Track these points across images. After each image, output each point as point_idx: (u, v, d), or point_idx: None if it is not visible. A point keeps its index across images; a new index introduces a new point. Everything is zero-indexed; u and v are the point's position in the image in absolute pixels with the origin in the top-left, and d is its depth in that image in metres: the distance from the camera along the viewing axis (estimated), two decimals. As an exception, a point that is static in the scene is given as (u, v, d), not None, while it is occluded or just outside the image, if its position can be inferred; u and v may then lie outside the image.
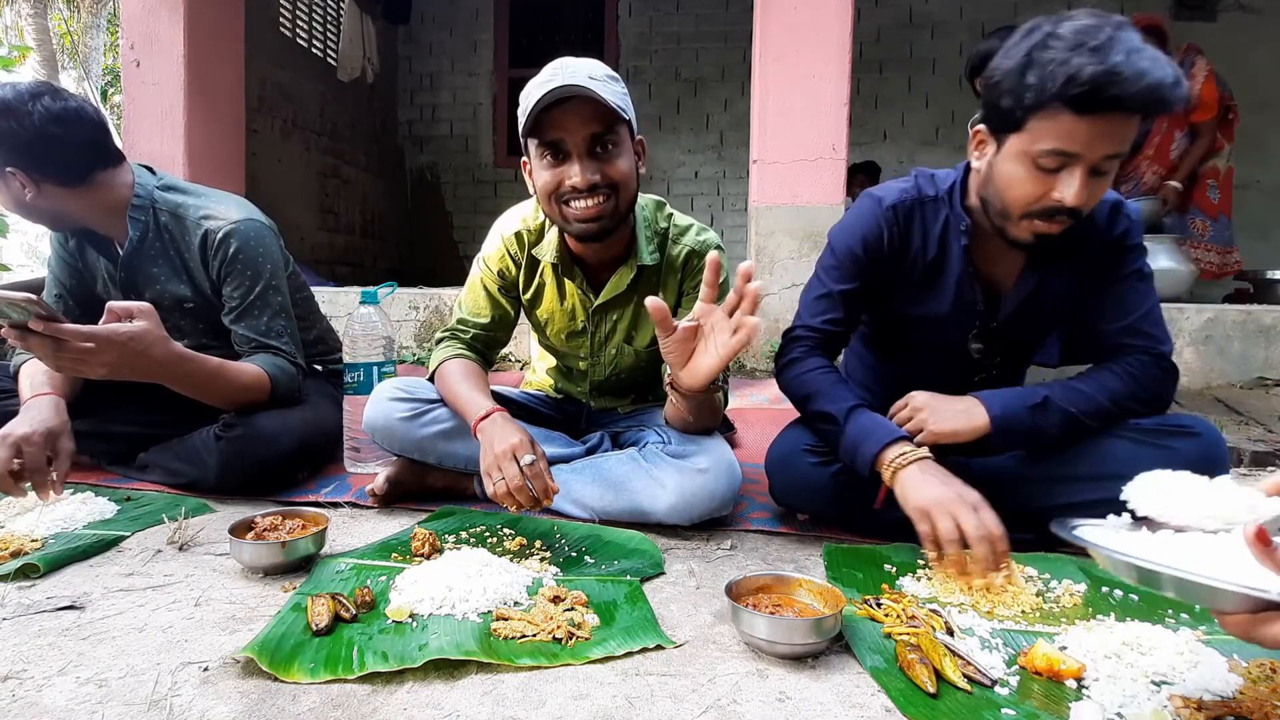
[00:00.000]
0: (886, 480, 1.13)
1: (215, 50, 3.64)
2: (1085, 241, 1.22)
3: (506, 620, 0.94)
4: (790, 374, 1.31)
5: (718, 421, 1.40)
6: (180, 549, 1.20)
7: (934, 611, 0.97)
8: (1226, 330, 2.98)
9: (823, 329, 1.31)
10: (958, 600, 1.03)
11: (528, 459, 1.17)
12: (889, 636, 0.92)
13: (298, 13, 5.03)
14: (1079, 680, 0.82)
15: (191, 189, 1.62)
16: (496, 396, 1.57)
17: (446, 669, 0.85)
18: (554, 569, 1.14)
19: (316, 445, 1.62)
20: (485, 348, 1.49)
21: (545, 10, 6.10)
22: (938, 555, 1.05)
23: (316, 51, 5.25)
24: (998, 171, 1.12)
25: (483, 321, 1.48)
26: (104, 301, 1.64)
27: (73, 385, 1.50)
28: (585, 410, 1.65)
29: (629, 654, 0.89)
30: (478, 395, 1.32)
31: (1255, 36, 5.16)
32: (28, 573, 1.08)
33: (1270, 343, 2.96)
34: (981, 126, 1.15)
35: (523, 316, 1.55)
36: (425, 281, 4.17)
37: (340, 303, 3.40)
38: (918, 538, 1.26)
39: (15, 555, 1.12)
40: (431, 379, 1.46)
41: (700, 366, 1.14)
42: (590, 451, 1.51)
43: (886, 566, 1.16)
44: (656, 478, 1.32)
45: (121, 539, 1.23)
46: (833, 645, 0.91)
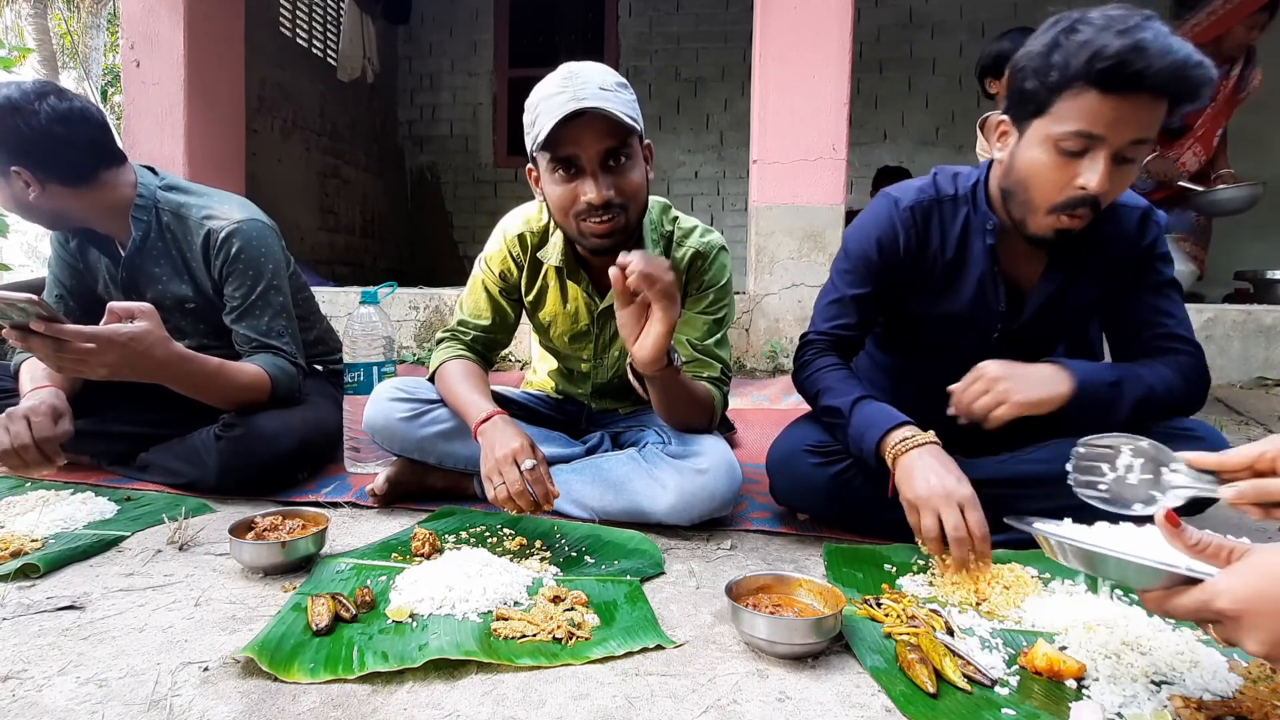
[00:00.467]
0: (890, 466, 1.13)
1: (215, 50, 3.64)
2: (1111, 245, 1.21)
3: (506, 620, 0.94)
4: (802, 376, 1.33)
5: (705, 413, 1.39)
6: (180, 549, 1.20)
7: (934, 611, 0.97)
8: (1226, 330, 2.98)
9: (834, 334, 1.31)
10: (958, 600, 1.03)
11: (529, 464, 1.17)
12: (889, 636, 0.92)
13: (298, 13, 5.04)
14: (1079, 680, 0.82)
15: (194, 189, 1.62)
16: (496, 397, 1.57)
17: (446, 669, 0.85)
18: (554, 569, 1.14)
19: (316, 445, 1.62)
20: (485, 349, 1.49)
21: (545, 10, 6.11)
22: (922, 542, 1.08)
23: (316, 51, 5.25)
24: (1020, 160, 1.11)
25: (483, 323, 1.48)
26: (105, 302, 1.64)
27: (72, 382, 1.51)
28: (586, 411, 1.65)
29: (629, 654, 0.89)
30: (478, 397, 1.32)
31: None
32: (28, 573, 1.08)
33: (1270, 343, 2.96)
34: (1004, 118, 1.14)
35: (523, 317, 1.55)
36: (425, 281, 4.17)
37: (340, 303, 3.40)
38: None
39: (15, 555, 1.12)
40: (432, 379, 1.46)
41: (648, 337, 1.16)
42: (590, 452, 1.51)
43: (886, 566, 1.16)
44: (656, 478, 1.32)
45: (121, 539, 1.23)
46: (833, 645, 0.91)
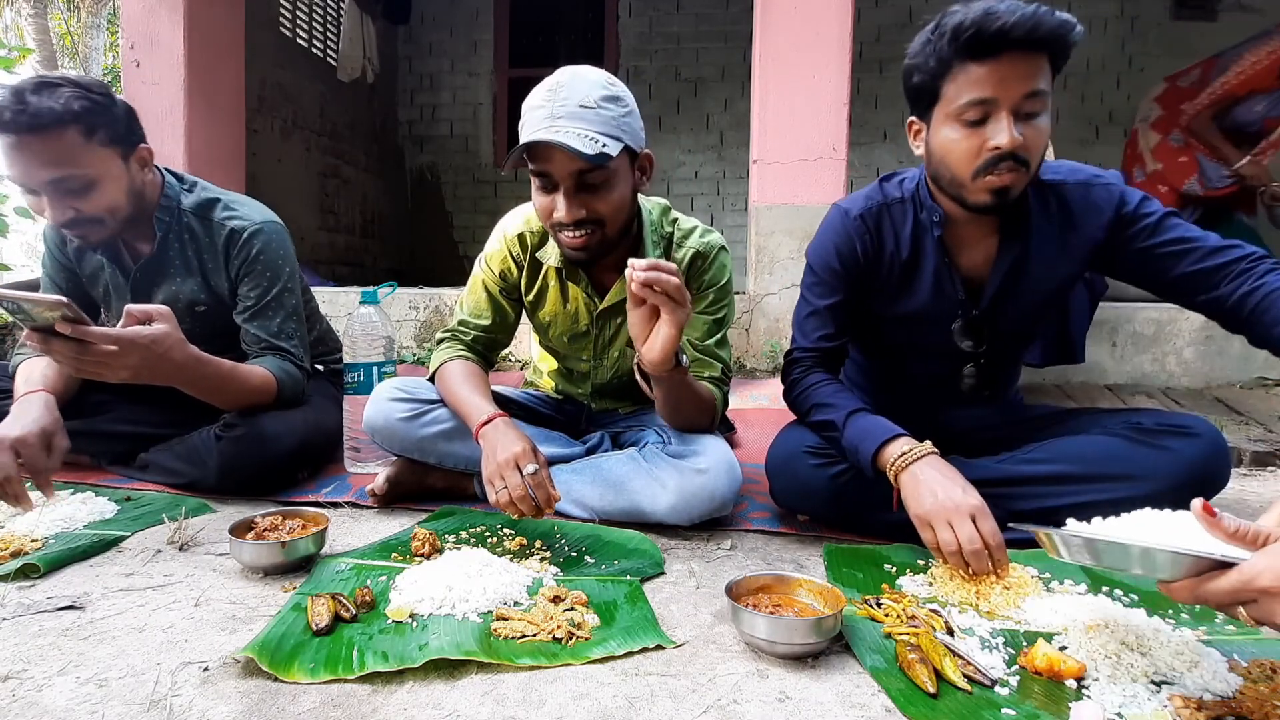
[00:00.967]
0: (892, 482, 1.13)
1: (215, 50, 3.64)
2: (1076, 222, 1.21)
3: (506, 620, 0.94)
4: (793, 395, 1.34)
5: (708, 414, 1.39)
6: (180, 549, 1.20)
7: (934, 611, 0.97)
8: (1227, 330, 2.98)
9: (818, 346, 1.33)
10: (958, 600, 1.03)
11: (530, 468, 1.16)
12: (889, 636, 0.92)
13: (298, 13, 5.03)
14: (1079, 680, 0.82)
15: (214, 190, 1.63)
16: (497, 397, 1.57)
17: (446, 669, 0.85)
18: (554, 569, 1.14)
19: (317, 445, 1.62)
20: (486, 349, 1.49)
21: (545, 10, 6.10)
22: (943, 559, 1.07)
23: (316, 51, 5.25)
24: (935, 145, 1.16)
25: (483, 323, 1.48)
26: (99, 306, 1.64)
27: (67, 384, 1.49)
28: (586, 411, 1.65)
29: (629, 654, 0.89)
30: (479, 399, 1.32)
31: (1255, 36, 5.15)
32: (28, 573, 1.08)
33: None
34: (912, 118, 1.20)
35: (523, 317, 1.55)
36: (425, 281, 4.17)
37: (340, 303, 3.40)
38: (918, 539, 1.26)
39: (15, 555, 1.12)
40: (432, 379, 1.46)
41: (657, 338, 1.15)
42: (590, 451, 1.51)
43: (886, 566, 1.16)
44: (657, 478, 1.32)
45: (121, 539, 1.23)
46: (833, 645, 0.91)
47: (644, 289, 1.09)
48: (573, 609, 0.98)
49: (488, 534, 1.27)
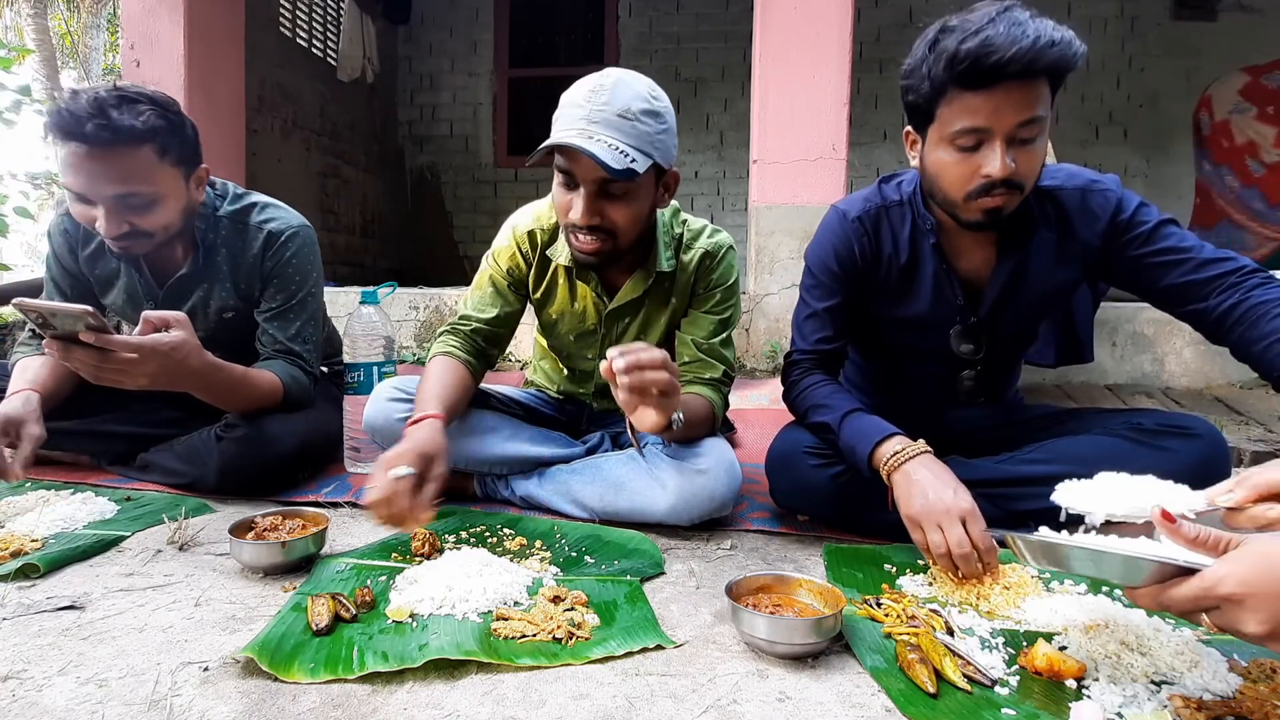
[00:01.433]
0: (885, 481, 1.14)
1: (215, 50, 3.65)
2: (1073, 228, 1.21)
3: (506, 620, 0.94)
4: (792, 396, 1.34)
5: (706, 426, 1.38)
6: (180, 549, 1.20)
7: (934, 611, 0.97)
8: (1226, 330, 2.98)
9: (817, 349, 1.33)
10: (958, 600, 1.03)
11: (398, 471, 1.06)
12: (889, 636, 0.92)
13: (298, 13, 5.04)
14: (1079, 680, 0.82)
15: (245, 193, 1.63)
16: (499, 397, 1.57)
17: (446, 669, 0.85)
18: (554, 569, 1.14)
19: (317, 446, 1.62)
20: (486, 344, 1.47)
21: (545, 10, 6.10)
22: (932, 560, 1.07)
23: (316, 51, 5.25)
24: (928, 163, 1.16)
25: (487, 317, 1.46)
26: (104, 310, 1.63)
27: (58, 383, 1.47)
28: (587, 410, 1.65)
29: (629, 654, 0.89)
30: (431, 398, 1.28)
31: (1255, 36, 5.16)
32: (28, 573, 1.08)
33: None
34: (909, 128, 1.19)
35: (523, 317, 1.55)
36: (425, 281, 4.17)
37: (340, 303, 3.41)
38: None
39: (15, 555, 1.12)
40: None
41: (647, 416, 1.11)
42: (590, 452, 1.51)
43: (886, 566, 1.16)
44: (657, 478, 1.32)
45: (121, 539, 1.23)
46: (833, 645, 0.91)
47: (628, 378, 1.04)
48: (573, 609, 0.98)
49: (488, 534, 1.27)
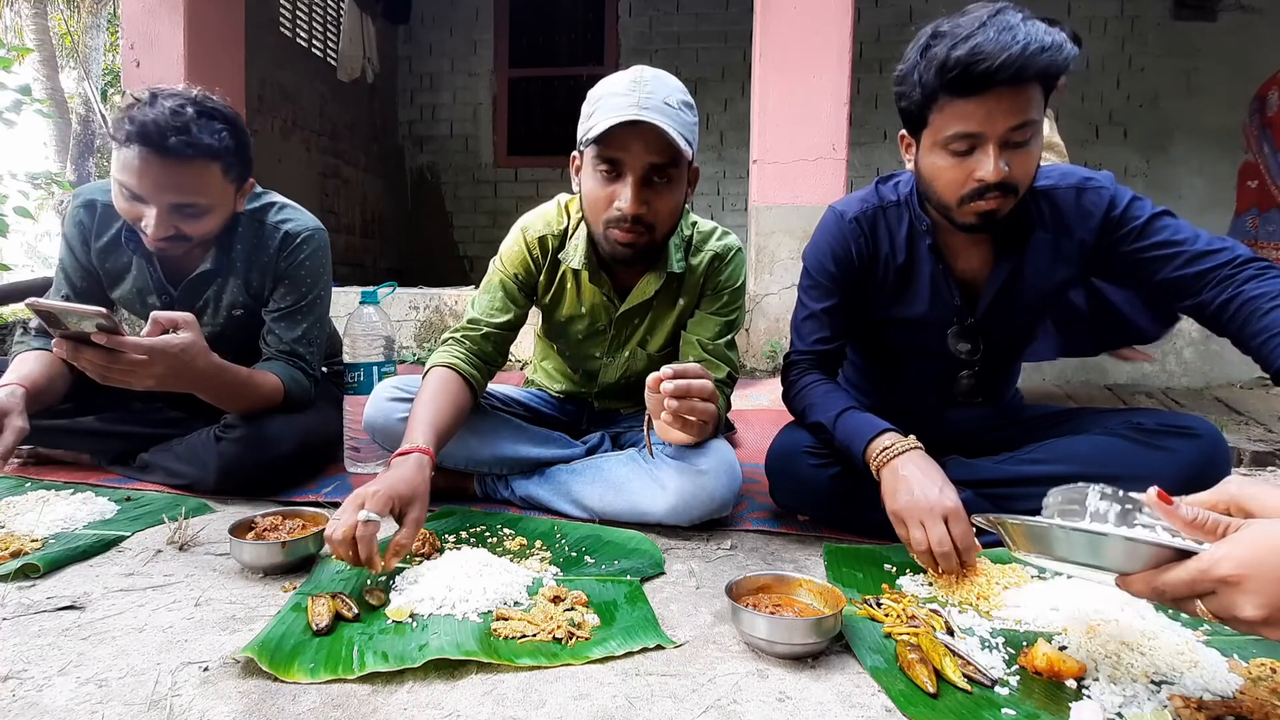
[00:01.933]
0: (875, 476, 1.14)
1: (215, 50, 3.65)
2: (1069, 226, 1.21)
3: (507, 620, 0.94)
4: (790, 396, 1.34)
5: (714, 432, 1.38)
6: (180, 549, 1.20)
7: (934, 611, 0.97)
8: (1226, 330, 2.98)
9: (815, 349, 1.33)
10: (958, 600, 1.03)
11: (364, 516, 1.00)
12: (889, 636, 0.92)
13: (298, 13, 5.04)
14: (1079, 680, 0.82)
15: (264, 192, 1.63)
16: (499, 397, 1.57)
17: (446, 669, 0.85)
18: (554, 569, 1.14)
19: (317, 447, 1.62)
20: (495, 348, 1.45)
21: (545, 10, 6.11)
22: (914, 554, 1.08)
23: (316, 51, 5.25)
24: (922, 167, 1.16)
25: (498, 321, 1.45)
26: (112, 304, 1.63)
27: (50, 380, 1.45)
28: (587, 410, 1.65)
29: (629, 654, 0.89)
30: (422, 424, 1.21)
31: (1255, 36, 5.16)
32: (28, 573, 1.08)
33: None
34: (903, 131, 1.19)
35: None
36: (425, 281, 4.17)
37: (340, 303, 3.39)
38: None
39: (15, 555, 1.12)
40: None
41: (674, 435, 1.18)
42: (590, 452, 1.51)
43: (886, 566, 1.16)
44: (657, 478, 1.32)
45: (121, 539, 1.23)
46: (833, 645, 0.91)
47: (675, 403, 1.10)
48: (573, 609, 0.98)
49: (488, 534, 1.27)
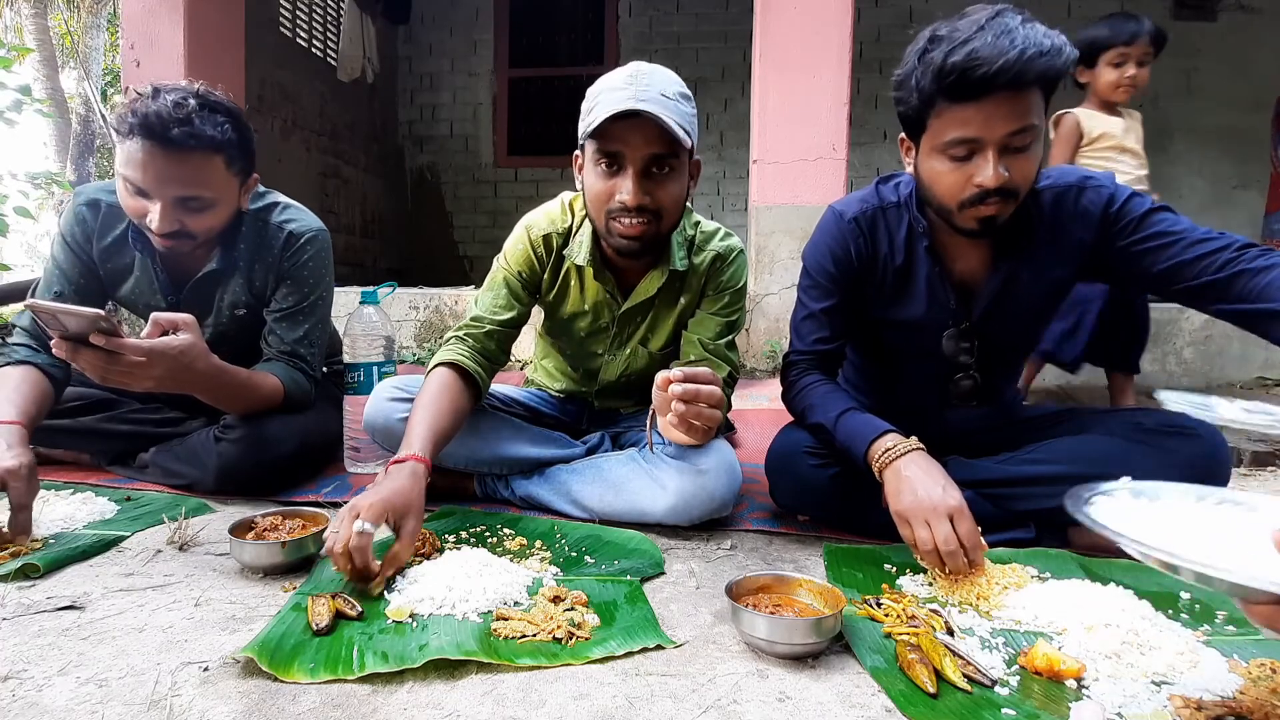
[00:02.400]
0: (877, 478, 1.14)
1: (215, 50, 3.65)
2: (1069, 227, 1.21)
3: (507, 620, 0.94)
4: (790, 397, 1.34)
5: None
6: (180, 549, 1.20)
7: (934, 611, 0.97)
8: (1226, 330, 2.98)
9: (814, 349, 1.33)
10: (958, 600, 1.03)
11: (359, 527, 1.00)
12: (889, 636, 0.92)
13: (298, 13, 5.04)
14: (1079, 680, 0.82)
15: (267, 192, 1.63)
16: (500, 396, 1.57)
17: (446, 669, 0.85)
18: (554, 569, 1.14)
19: (317, 448, 1.62)
20: (499, 346, 1.45)
21: (545, 10, 6.10)
22: (919, 555, 1.07)
23: (316, 51, 5.25)
24: (922, 171, 1.16)
25: (502, 319, 1.44)
26: (108, 300, 1.63)
27: (40, 406, 1.39)
28: (587, 410, 1.65)
29: (629, 654, 0.89)
30: (421, 429, 1.21)
31: (1255, 36, 5.16)
32: (28, 573, 1.08)
33: (1270, 343, 2.96)
34: (902, 134, 1.19)
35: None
36: (425, 281, 4.17)
37: (340, 303, 3.38)
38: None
39: (15, 555, 1.12)
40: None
41: (677, 436, 1.18)
42: (590, 452, 1.51)
43: (886, 566, 1.16)
44: (656, 478, 1.32)
45: (121, 539, 1.23)
46: (833, 645, 0.91)
47: (683, 406, 1.10)
48: (573, 609, 0.98)
49: (488, 534, 1.27)
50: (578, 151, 1.33)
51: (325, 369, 1.84)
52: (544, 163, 6.13)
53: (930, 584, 1.08)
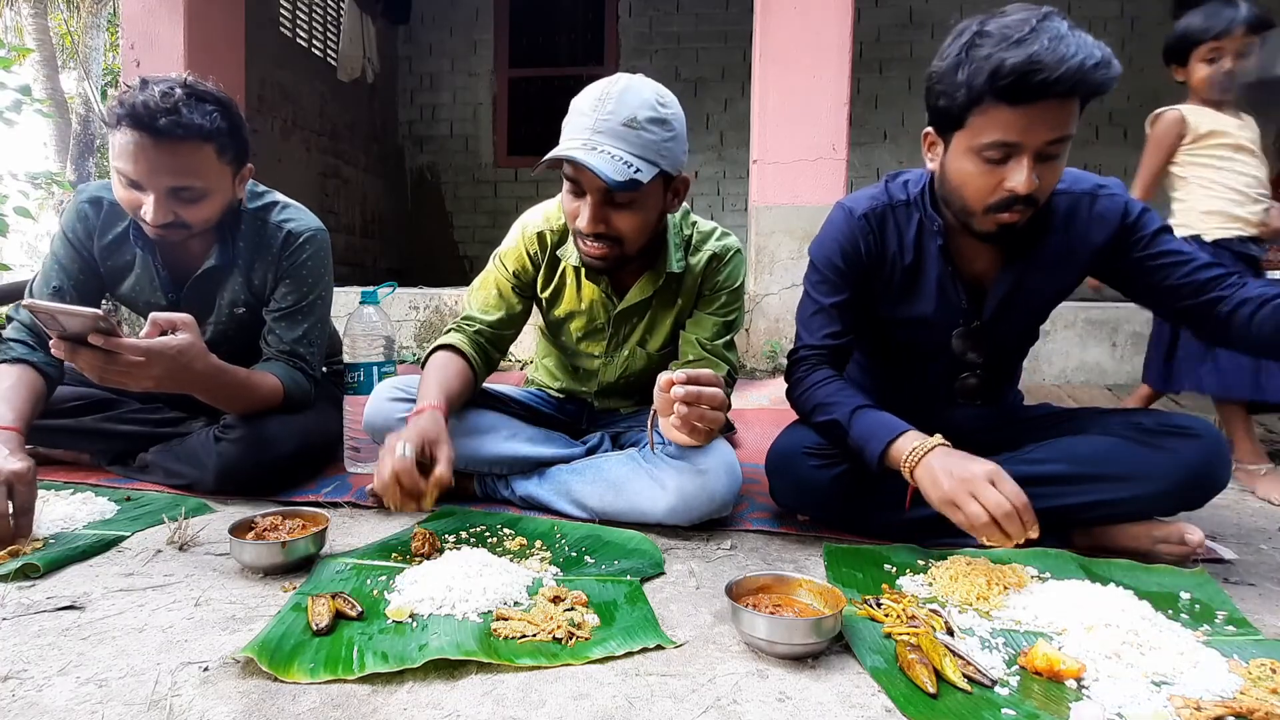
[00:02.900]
0: (909, 480, 1.13)
1: (215, 50, 3.65)
2: (1084, 231, 1.21)
3: (506, 620, 0.94)
4: (796, 394, 1.32)
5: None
6: (180, 549, 1.20)
7: (934, 611, 0.97)
8: None
9: (823, 344, 1.31)
10: (958, 600, 1.03)
11: (402, 449, 1.12)
12: (889, 636, 0.92)
13: (298, 13, 5.04)
14: (1079, 680, 0.82)
15: (266, 191, 1.63)
16: (499, 396, 1.57)
17: (446, 669, 0.85)
18: (554, 569, 1.14)
19: (317, 448, 1.62)
20: (490, 343, 1.47)
21: (545, 10, 6.10)
22: (982, 537, 1.02)
23: (316, 51, 5.25)
24: (949, 170, 1.14)
25: (490, 319, 1.46)
26: (106, 296, 1.63)
27: (34, 408, 1.38)
28: (587, 410, 1.65)
29: (629, 654, 0.89)
30: (431, 391, 1.30)
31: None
32: (28, 573, 1.08)
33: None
34: (929, 129, 1.18)
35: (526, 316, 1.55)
36: (425, 281, 4.17)
37: (340, 303, 3.39)
38: (918, 539, 1.26)
39: (15, 555, 1.12)
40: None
41: (679, 436, 1.19)
42: (590, 452, 1.51)
43: (886, 566, 1.16)
44: (656, 478, 1.32)
45: (121, 539, 1.23)
46: (833, 645, 0.91)
47: (685, 408, 1.12)
48: (573, 609, 0.98)
49: (488, 534, 1.27)
50: None
51: (325, 369, 1.84)
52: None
53: (930, 584, 1.08)
